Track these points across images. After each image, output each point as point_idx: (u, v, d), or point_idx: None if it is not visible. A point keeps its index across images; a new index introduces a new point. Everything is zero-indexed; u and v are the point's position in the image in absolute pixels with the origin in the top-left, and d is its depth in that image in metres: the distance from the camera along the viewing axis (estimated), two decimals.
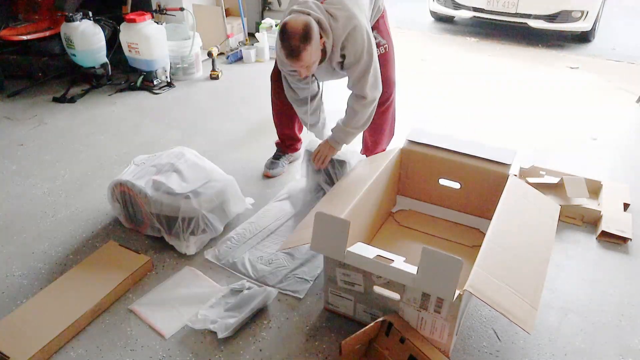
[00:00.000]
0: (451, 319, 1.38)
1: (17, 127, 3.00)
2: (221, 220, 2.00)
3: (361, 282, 1.50)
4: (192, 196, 1.89)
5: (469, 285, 1.30)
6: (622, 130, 3.08)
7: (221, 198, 1.98)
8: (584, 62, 4.36)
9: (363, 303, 1.55)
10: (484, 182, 1.94)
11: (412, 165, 2.07)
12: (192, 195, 1.89)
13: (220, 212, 1.99)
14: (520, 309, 1.33)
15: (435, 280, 1.30)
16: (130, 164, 2.11)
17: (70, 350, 1.54)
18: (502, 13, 4.77)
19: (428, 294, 1.37)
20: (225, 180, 2.04)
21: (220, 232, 2.00)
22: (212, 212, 1.94)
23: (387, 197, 2.03)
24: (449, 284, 1.28)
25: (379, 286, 1.47)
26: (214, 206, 1.95)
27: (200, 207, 1.89)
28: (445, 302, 1.35)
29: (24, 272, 1.85)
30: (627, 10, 6.42)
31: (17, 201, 2.29)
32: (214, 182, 2.00)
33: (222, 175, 2.07)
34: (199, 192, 1.92)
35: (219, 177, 2.05)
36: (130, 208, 2.00)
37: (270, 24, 4.15)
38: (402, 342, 1.41)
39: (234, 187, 2.07)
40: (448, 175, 2.02)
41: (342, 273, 1.52)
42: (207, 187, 1.96)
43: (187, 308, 1.68)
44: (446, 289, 1.29)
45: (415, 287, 1.35)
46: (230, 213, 2.05)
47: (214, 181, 2.00)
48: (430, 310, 1.40)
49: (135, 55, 3.42)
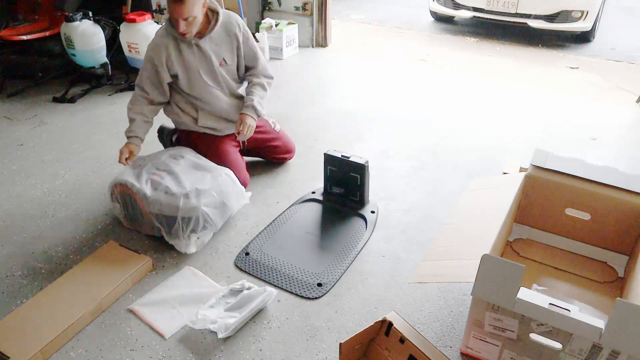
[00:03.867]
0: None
1: (17, 127, 3.00)
2: (222, 216, 2.00)
3: (515, 329, 1.37)
4: (192, 195, 1.89)
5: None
6: (622, 130, 3.08)
7: (221, 194, 1.98)
8: (584, 62, 4.36)
9: (512, 350, 1.42)
10: (617, 213, 1.77)
11: (536, 193, 1.90)
12: (192, 194, 1.89)
13: (222, 207, 1.99)
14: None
15: (629, 337, 1.18)
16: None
17: (70, 350, 1.54)
18: (502, 13, 4.77)
19: (599, 346, 1.25)
20: (224, 175, 2.05)
21: (219, 227, 2.00)
22: (212, 208, 1.94)
23: (505, 225, 1.81)
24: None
25: (537, 334, 1.34)
26: (214, 202, 1.95)
27: (199, 205, 1.89)
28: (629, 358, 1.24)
29: (24, 272, 1.85)
30: (627, 10, 6.43)
31: (17, 201, 2.29)
32: (214, 179, 2.00)
33: (221, 170, 2.08)
34: (199, 190, 1.91)
35: (218, 173, 2.05)
36: (130, 208, 2.00)
37: (270, 24, 4.15)
38: (402, 342, 1.41)
39: (234, 181, 2.07)
40: (577, 205, 1.83)
41: (493, 317, 1.39)
42: (206, 184, 1.96)
43: (187, 308, 1.68)
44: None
45: (602, 343, 1.23)
46: (231, 208, 2.05)
47: (214, 178, 2.00)
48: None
49: (135, 55, 3.42)
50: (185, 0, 1.90)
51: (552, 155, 1.92)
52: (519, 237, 2.01)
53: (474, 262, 1.34)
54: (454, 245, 1.60)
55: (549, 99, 3.49)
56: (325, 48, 4.55)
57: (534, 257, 1.91)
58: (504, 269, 1.30)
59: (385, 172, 2.53)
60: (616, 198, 1.75)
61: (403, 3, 6.72)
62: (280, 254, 1.95)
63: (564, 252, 1.93)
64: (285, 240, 2.03)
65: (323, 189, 2.34)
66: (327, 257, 1.93)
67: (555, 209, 1.89)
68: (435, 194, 2.37)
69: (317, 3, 4.35)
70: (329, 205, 2.26)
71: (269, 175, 2.50)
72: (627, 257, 1.83)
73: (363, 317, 1.68)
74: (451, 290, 1.79)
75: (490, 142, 2.85)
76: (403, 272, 1.87)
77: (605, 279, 1.81)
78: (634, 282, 1.54)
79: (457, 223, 1.73)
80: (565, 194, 1.84)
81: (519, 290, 1.30)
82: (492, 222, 1.60)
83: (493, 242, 1.50)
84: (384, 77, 3.88)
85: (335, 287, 1.80)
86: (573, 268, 1.86)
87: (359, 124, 3.06)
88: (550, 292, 1.67)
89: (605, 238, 1.85)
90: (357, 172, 2.17)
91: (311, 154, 2.70)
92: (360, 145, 2.80)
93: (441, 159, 2.67)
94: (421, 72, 4.01)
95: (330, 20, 4.53)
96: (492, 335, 1.43)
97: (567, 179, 1.82)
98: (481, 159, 2.66)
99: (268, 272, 1.86)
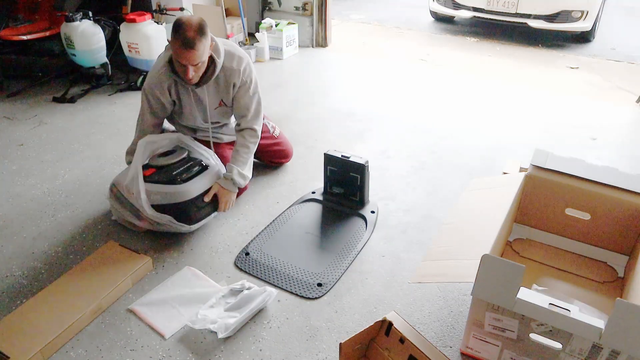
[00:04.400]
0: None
1: (17, 127, 3.00)
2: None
3: (515, 329, 1.37)
4: (188, 182, 1.93)
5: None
6: (622, 130, 3.08)
7: (214, 181, 2.02)
8: (584, 62, 4.36)
9: (512, 350, 1.42)
10: (617, 214, 1.77)
11: (535, 193, 1.90)
12: (187, 180, 1.93)
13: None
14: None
15: (629, 337, 1.18)
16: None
17: (70, 350, 1.54)
18: (502, 13, 4.78)
19: (599, 346, 1.25)
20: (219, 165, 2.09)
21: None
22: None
23: (505, 224, 1.81)
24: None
25: (537, 334, 1.34)
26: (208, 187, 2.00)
27: (196, 191, 1.92)
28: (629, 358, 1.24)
29: (24, 272, 1.85)
30: (627, 10, 6.43)
31: (17, 201, 2.29)
32: (210, 167, 2.03)
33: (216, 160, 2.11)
34: (194, 178, 1.96)
35: (214, 162, 2.08)
36: (128, 206, 2.00)
37: (270, 24, 4.15)
38: (402, 342, 1.41)
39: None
40: (577, 205, 1.83)
41: (492, 317, 1.39)
42: (201, 173, 1.99)
43: (187, 308, 1.68)
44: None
45: (602, 343, 1.23)
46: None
47: (210, 166, 2.04)
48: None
49: (135, 55, 3.42)
50: (196, 47, 1.78)
51: (552, 155, 1.92)
52: (519, 237, 2.01)
53: (474, 262, 1.34)
54: (453, 245, 1.60)
55: (549, 99, 3.49)
56: (325, 48, 4.55)
57: (534, 257, 1.91)
58: (504, 269, 1.30)
59: (385, 172, 2.53)
60: (616, 198, 1.75)
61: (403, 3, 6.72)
62: (280, 254, 1.95)
63: (564, 252, 1.93)
64: (285, 240, 2.03)
65: (323, 189, 2.34)
66: (327, 257, 1.93)
67: (555, 209, 1.89)
68: (435, 194, 2.37)
69: (317, 3, 4.35)
70: (329, 205, 2.26)
71: (268, 175, 2.50)
72: (627, 257, 1.83)
73: (363, 317, 1.68)
74: (451, 290, 1.79)
75: (490, 142, 2.85)
76: (403, 272, 1.87)
77: (605, 279, 1.81)
78: (634, 282, 1.54)
79: (457, 223, 1.73)
80: (565, 194, 1.84)
81: (519, 290, 1.29)
82: (492, 222, 1.60)
83: (493, 242, 1.50)
84: (384, 77, 3.88)
85: (335, 287, 1.80)
86: (573, 268, 1.86)
87: (359, 124, 3.06)
88: (550, 292, 1.67)
89: (605, 238, 1.85)
90: (357, 172, 2.17)
91: (311, 154, 2.70)
92: (360, 145, 2.80)
93: (441, 159, 2.67)
94: (421, 72, 4.01)
95: (330, 20, 4.54)
96: (492, 335, 1.43)
97: (567, 179, 1.82)
98: (481, 159, 2.66)
99: (268, 272, 1.86)
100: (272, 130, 2.47)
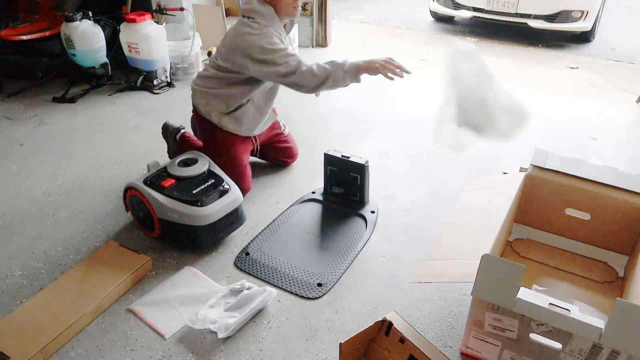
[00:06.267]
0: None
1: (17, 127, 3.00)
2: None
3: (515, 329, 1.37)
4: (206, 203, 1.88)
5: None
6: (622, 130, 3.08)
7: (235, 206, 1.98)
8: (584, 62, 4.36)
9: (512, 350, 1.42)
10: (617, 213, 1.77)
11: (536, 193, 1.90)
12: (205, 201, 1.88)
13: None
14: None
15: (629, 337, 1.18)
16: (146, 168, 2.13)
17: (70, 350, 1.54)
18: (502, 13, 4.78)
19: (599, 346, 1.25)
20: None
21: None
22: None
23: (505, 224, 1.81)
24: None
25: (537, 334, 1.34)
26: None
27: (216, 217, 1.89)
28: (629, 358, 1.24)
29: (24, 272, 1.85)
30: (627, 10, 6.43)
31: (17, 201, 2.29)
32: (230, 191, 1.98)
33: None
34: (210, 198, 1.90)
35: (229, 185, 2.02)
36: (141, 212, 1.99)
37: None
38: (402, 342, 1.41)
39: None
40: (577, 205, 1.84)
41: (492, 317, 1.39)
42: (223, 196, 1.95)
43: (187, 308, 1.68)
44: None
45: (602, 343, 1.23)
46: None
47: (230, 190, 1.98)
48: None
49: (135, 55, 3.42)
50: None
51: (552, 155, 1.92)
52: (519, 237, 2.01)
53: (474, 262, 1.34)
54: (453, 245, 1.60)
55: (549, 99, 3.49)
56: (325, 48, 4.55)
57: (534, 257, 1.91)
58: (504, 269, 1.30)
59: (385, 172, 2.53)
60: (616, 198, 1.75)
61: (403, 3, 6.72)
62: (280, 254, 1.95)
63: (564, 252, 1.93)
64: (285, 240, 2.03)
65: (323, 189, 2.34)
66: (327, 257, 1.93)
67: (555, 209, 1.89)
68: (435, 193, 2.37)
69: (317, 3, 4.35)
70: (329, 205, 2.26)
71: (268, 175, 2.50)
72: (627, 257, 1.83)
73: (363, 317, 1.68)
74: (451, 290, 1.79)
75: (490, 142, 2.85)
76: (403, 272, 1.87)
77: (605, 279, 1.81)
78: (634, 282, 1.55)
79: (456, 223, 1.73)
80: (565, 194, 1.84)
81: (519, 290, 1.29)
82: (492, 222, 1.60)
83: (493, 242, 1.50)
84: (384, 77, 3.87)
85: (335, 287, 1.80)
86: (573, 268, 1.85)
87: (359, 124, 3.06)
88: (550, 292, 1.67)
89: (605, 238, 1.85)
90: (357, 172, 2.17)
91: (311, 154, 2.70)
92: (360, 145, 2.80)
93: (441, 158, 2.67)
94: (421, 72, 4.00)
95: (330, 20, 4.53)
96: (492, 335, 1.43)
97: (567, 179, 1.82)
98: (481, 159, 2.66)
99: (268, 272, 1.86)
100: (283, 128, 2.52)
